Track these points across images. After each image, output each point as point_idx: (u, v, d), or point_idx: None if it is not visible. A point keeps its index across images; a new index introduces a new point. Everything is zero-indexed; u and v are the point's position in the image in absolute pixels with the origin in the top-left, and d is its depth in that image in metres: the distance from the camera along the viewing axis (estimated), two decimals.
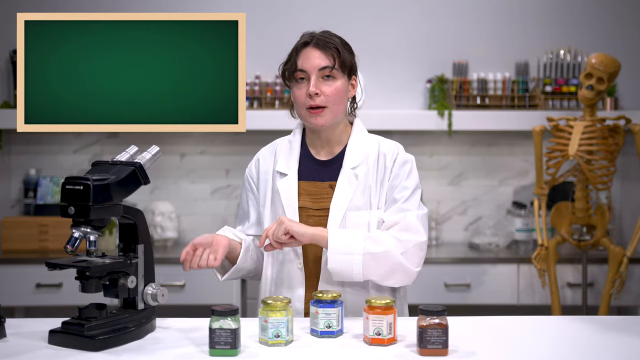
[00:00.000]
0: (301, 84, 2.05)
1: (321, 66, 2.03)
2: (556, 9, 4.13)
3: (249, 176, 2.19)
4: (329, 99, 2.03)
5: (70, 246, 1.73)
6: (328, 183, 2.09)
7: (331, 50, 2.05)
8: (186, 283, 3.61)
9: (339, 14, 4.06)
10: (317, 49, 2.05)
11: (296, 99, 2.07)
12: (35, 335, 1.76)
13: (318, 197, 2.08)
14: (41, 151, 4.12)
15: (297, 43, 2.09)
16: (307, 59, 2.04)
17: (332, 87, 2.04)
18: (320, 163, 2.12)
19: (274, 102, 4.00)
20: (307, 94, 2.03)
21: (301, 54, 2.06)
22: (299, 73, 2.05)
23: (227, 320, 1.61)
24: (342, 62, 2.05)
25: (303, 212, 2.06)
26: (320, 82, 2.03)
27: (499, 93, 4.02)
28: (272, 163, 2.15)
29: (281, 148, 2.17)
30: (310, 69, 2.03)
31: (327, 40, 2.06)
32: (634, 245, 3.43)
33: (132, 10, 4.09)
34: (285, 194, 2.08)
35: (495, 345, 1.73)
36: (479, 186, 4.19)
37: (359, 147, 2.10)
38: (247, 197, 2.19)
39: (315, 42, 2.05)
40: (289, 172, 2.10)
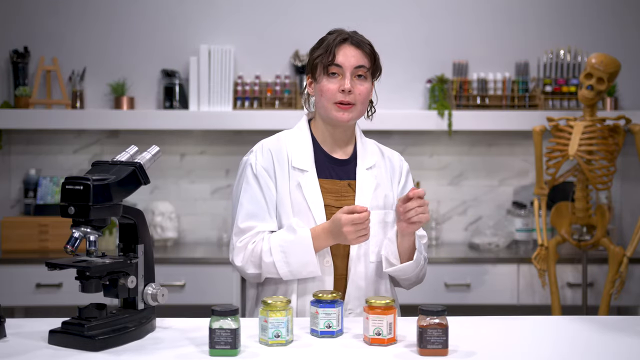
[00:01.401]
0: (333, 78, 2.07)
1: (358, 64, 2.07)
2: (556, 9, 4.13)
3: (264, 170, 2.07)
4: (360, 97, 2.07)
5: (70, 246, 1.73)
6: (347, 181, 2.12)
7: (367, 51, 2.10)
8: (186, 283, 3.61)
9: (339, 14, 4.06)
10: (355, 48, 2.08)
11: (325, 92, 2.07)
12: (35, 335, 1.76)
13: (339, 196, 2.10)
14: (41, 151, 4.12)
15: (334, 38, 2.09)
16: (345, 55, 2.06)
17: (363, 87, 2.08)
18: (336, 161, 2.14)
19: (274, 102, 4.00)
20: (339, 89, 2.05)
21: (340, 49, 2.07)
22: (334, 67, 2.06)
23: (227, 320, 1.61)
24: (376, 65, 2.12)
25: (327, 211, 2.06)
26: (353, 80, 2.06)
27: (499, 93, 4.02)
28: (286, 157, 2.10)
29: (291, 143, 2.13)
30: (347, 66, 2.06)
31: (363, 41, 2.11)
32: (634, 245, 3.43)
33: (129, 8, 4.09)
34: (309, 191, 2.06)
35: (495, 345, 1.73)
36: (479, 186, 4.19)
37: (367, 149, 2.18)
38: (263, 193, 2.06)
39: (352, 41, 2.09)
40: (308, 168, 2.09)
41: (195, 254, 3.79)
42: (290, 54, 4.08)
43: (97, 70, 4.06)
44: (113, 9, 4.08)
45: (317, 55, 2.09)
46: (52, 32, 4.07)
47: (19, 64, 3.98)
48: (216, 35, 4.08)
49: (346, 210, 1.94)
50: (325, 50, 2.08)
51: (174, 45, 4.08)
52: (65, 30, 4.07)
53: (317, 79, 2.10)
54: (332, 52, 2.06)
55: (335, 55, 2.06)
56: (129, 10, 4.09)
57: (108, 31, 4.09)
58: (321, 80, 2.08)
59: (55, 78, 4.02)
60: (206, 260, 3.67)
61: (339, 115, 2.06)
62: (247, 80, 4.03)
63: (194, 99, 3.95)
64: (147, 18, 4.09)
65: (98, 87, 4.07)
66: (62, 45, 4.06)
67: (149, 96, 4.10)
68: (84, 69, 4.03)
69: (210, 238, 4.15)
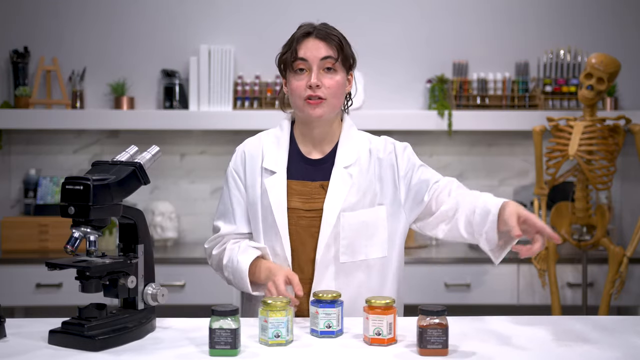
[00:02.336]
0: (300, 74, 2.00)
1: (323, 56, 1.99)
2: (556, 9, 4.13)
3: (234, 171, 2.11)
4: (329, 91, 1.99)
5: (70, 246, 1.73)
6: (319, 183, 2.03)
7: (334, 42, 2.00)
8: (186, 283, 3.61)
9: (338, 14, 4.06)
10: (320, 40, 2.00)
11: (293, 90, 2.01)
12: (35, 335, 1.76)
13: (309, 198, 2.03)
14: (41, 151, 4.12)
15: (297, 33, 2.03)
16: (309, 48, 1.99)
17: (333, 80, 1.99)
18: (310, 162, 2.06)
19: (274, 102, 4.00)
20: (306, 85, 1.98)
21: (302, 43, 2.00)
22: (299, 62, 1.99)
23: (227, 320, 1.61)
24: (345, 55, 2.02)
25: (293, 214, 2.02)
26: (321, 74, 1.99)
27: (499, 93, 4.02)
28: (260, 159, 2.07)
29: (268, 143, 2.10)
30: (312, 59, 1.98)
31: (329, 32, 2.02)
32: (634, 245, 3.43)
33: (129, 8, 4.09)
34: (274, 193, 2.01)
35: (495, 345, 1.73)
36: (479, 186, 4.16)
37: (350, 145, 2.07)
38: (230, 194, 2.10)
39: (317, 33, 2.01)
40: (278, 169, 2.04)
41: (195, 254, 3.79)
42: None
43: (97, 70, 4.06)
44: (113, 9, 4.08)
45: (283, 53, 2.04)
46: (52, 32, 4.07)
47: (19, 64, 3.98)
48: (216, 35, 4.08)
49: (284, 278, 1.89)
50: (289, 46, 2.02)
51: (174, 45, 4.08)
52: (65, 30, 4.07)
53: (287, 77, 2.04)
54: (294, 48, 2.00)
55: (297, 50, 1.99)
56: (129, 10, 4.09)
57: (108, 31, 4.09)
58: (290, 78, 2.02)
59: (55, 78, 4.02)
60: (206, 260, 3.64)
61: (311, 112, 1.99)
62: (247, 80, 4.03)
63: (194, 99, 3.95)
64: (147, 18, 4.09)
65: (98, 87, 4.07)
66: (62, 45, 4.06)
67: (149, 96, 4.10)
68: (84, 69, 4.03)
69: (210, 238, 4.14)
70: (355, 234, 2.02)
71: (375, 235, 2.04)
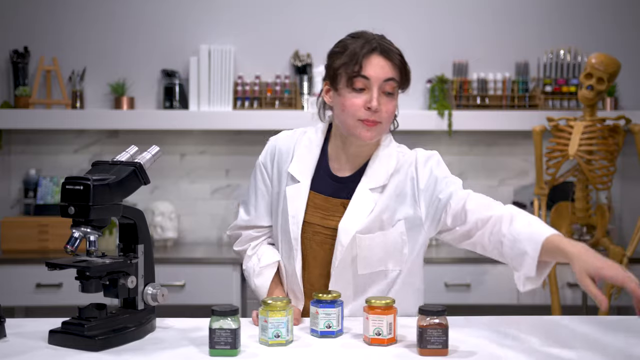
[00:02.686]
0: (359, 92, 1.86)
1: (387, 77, 1.87)
2: (556, 9, 4.13)
3: (263, 166, 2.04)
4: (385, 116, 1.89)
5: (70, 246, 1.73)
6: (341, 201, 1.95)
7: (397, 62, 1.89)
8: (186, 283, 3.61)
9: (338, 14, 4.06)
10: (385, 58, 1.88)
11: (348, 107, 1.86)
12: (35, 335, 1.76)
13: (328, 214, 1.95)
14: (41, 151, 4.12)
15: (361, 46, 1.87)
16: (373, 67, 1.86)
17: (391, 104, 1.90)
18: (337, 179, 1.97)
19: (274, 102, 4.00)
20: (364, 105, 1.85)
21: (368, 60, 1.86)
22: (360, 80, 1.86)
23: (227, 320, 1.61)
24: (406, 78, 1.93)
25: (309, 228, 1.95)
26: (381, 96, 1.87)
27: (499, 93, 4.02)
28: (289, 159, 2.00)
29: (300, 146, 2.01)
30: (375, 80, 1.86)
31: (392, 49, 1.90)
32: (634, 245, 3.43)
33: (129, 8, 4.09)
34: (293, 203, 1.95)
35: (495, 345, 1.73)
36: (479, 186, 4.19)
37: (381, 166, 1.96)
38: (256, 186, 2.05)
39: (381, 50, 1.88)
40: (302, 179, 1.96)
41: (195, 254, 3.79)
42: (290, 54, 4.08)
43: (97, 70, 4.07)
44: (113, 9, 4.08)
45: (341, 64, 1.87)
46: (52, 32, 4.07)
47: (19, 64, 3.98)
48: (216, 35, 4.08)
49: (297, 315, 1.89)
50: (351, 59, 1.86)
51: (174, 45, 4.08)
52: (65, 30, 4.07)
53: (339, 91, 1.89)
54: (359, 63, 1.85)
55: (363, 67, 1.85)
56: (128, 10, 4.09)
57: (108, 31, 4.09)
58: (344, 93, 1.87)
59: (55, 78, 4.02)
60: (206, 260, 3.67)
61: (364, 134, 1.87)
62: (247, 80, 4.03)
63: (194, 99, 3.95)
64: (147, 18, 4.09)
65: (98, 87, 4.07)
66: (62, 45, 4.06)
67: (149, 96, 4.10)
68: (84, 69, 4.03)
69: (210, 238, 4.15)
70: (373, 253, 1.94)
71: (393, 252, 1.96)
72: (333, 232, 1.94)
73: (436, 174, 1.96)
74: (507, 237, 1.79)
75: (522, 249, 1.75)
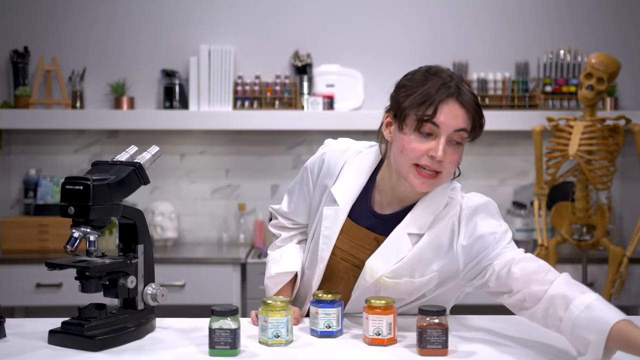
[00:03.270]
0: (425, 137, 1.70)
1: (459, 128, 1.70)
2: (556, 9, 4.13)
3: (310, 172, 1.97)
4: (449, 166, 1.73)
5: (70, 246, 1.73)
6: (375, 236, 1.84)
7: (472, 111, 1.71)
8: (186, 283, 3.61)
9: (338, 14, 4.06)
10: (461, 107, 1.70)
11: (408, 150, 1.71)
12: (35, 335, 1.76)
13: (359, 245, 1.87)
14: (41, 151, 4.12)
15: (437, 88, 1.70)
16: (448, 115, 1.69)
17: (456, 155, 1.73)
18: (377, 215, 1.86)
19: (274, 102, 4.00)
20: (427, 152, 1.70)
21: (443, 106, 1.69)
22: (429, 126, 1.69)
23: (227, 320, 1.61)
24: (478, 129, 1.75)
25: (338, 252, 1.88)
26: (448, 145, 1.71)
27: (499, 93, 4.02)
28: (335, 176, 1.90)
29: (349, 167, 1.90)
30: (446, 129, 1.69)
31: (470, 97, 1.72)
32: (634, 245, 3.43)
33: (129, 8, 4.09)
34: (328, 226, 1.88)
35: (495, 345, 1.72)
36: (479, 186, 4.19)
37: (427, 211, 1.80)
38: (300, 187, 2.00)
39: (458, 97, 1.70)
40: (342, 204, 1.86)
41: (195, 254, 3.79)
42: (290, 54, 4.08)
43: (97, 70, 4.07)
44: (113, 9, 4.08)
45: (411, 104, 1.71)
46: (52, 32, 4.07)
47: (19, 64, 3.98)
48: (216, 35, 4.08)
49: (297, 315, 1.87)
50: (424, 100, 1.69)
51: (174, 45, 4.08)
52: (65, 30, 4.07)
53: (403, 130, 1.73)
54: (434, 108, 1.68)
55: (437, 114, 1.68)
56: (128, 10, 4.09)
57: (108, 31, 4.09)
58: (407, 134, 1.72)
59: (55, 78, 4.02)
60: (206, 260, 3.67)
61: (417, 183, 1.72)
62: (247, 80, 4.03)
63: (194, 99, 3.95)
64: (147, 18, 4.09)
65: (98, 87, 4.07)
66: (62, 45, 4.06)
67: (149, 96, 4.10)
68: (84, 69, 4.03)
69: (210, 238, 4.15)
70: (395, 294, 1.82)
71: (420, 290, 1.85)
72: (360, 263, 1.86)
73: (481, 231, 1.75)
74: (565, 322, 1.58)
75: (585, 338, 1.54)
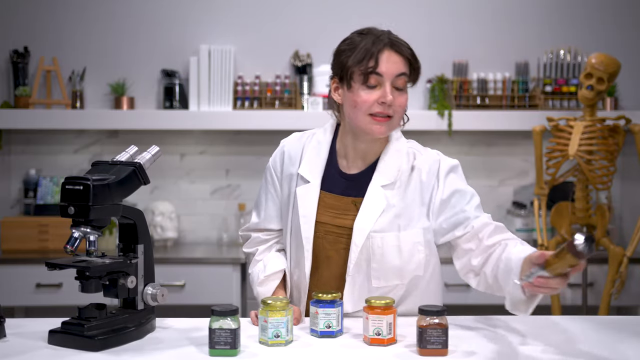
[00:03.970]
0: (372, 89, 1.86)
1: (399, 72, 1.87)
2: (556, 9, 4.13)
3: (273, 169, 2.06)
4: (398, 109, 1.89)
5: (70, 246, 1.73)
6: (352, 199, 1.94)
7: (407, 56, 1.90)
8: (186, 283, 3.61)
9: (338, 14, 4.06)
10: (397, 53, 1.88)
11: (360, 104, 1.87)
12: (35, 335, 1.76)
13: (340, 213, 1.95)
14: (41, 151, 4.12)
15: (372, 42, 1.87)
16: (386, 63, 1.86)
17: (403, 98, 1.90)
18: (347, 176, 1.97)
19: (274, 102, 4.00)
20: (378, 101, 1.86)
21: (382, 56, 1.86)
22: (374, 77, 1.86)
23: (227, 320, 1.61)
24: (416, 72, 1.93)
25: (321, 227, 1.95)
26: (393, 90, 1.87)
27: (499, 93, 4.02)
28: (298, 162, 2.01)
29: (309, 147, 2.01)
30: (388, 75, 1.86)
31: (402, 43, 1.90)
32: (634, 245, 3.43)
33: (129, 8, 4.09)
34: (304, 203, 1.95)
35: (495, 345, 1.73)
36: (479, 186, 4.16)
37: (392, 162, 1.96)
38: (266, 189, 2.07)
39: (393, 45, 1.88)
40: (312, 179, 1.97)
41: (195, 254, 3.79)
42: (290, 54, 4.08)
43: (97, 70, 4.07)
44: (113, 8, 4.08)
45: (354, 62, 1.87)
46: (52, 32, 4.07)
47: (19, 64, 3.98)
48: (216, 35, 4.08)
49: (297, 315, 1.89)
50: (364, 56, 1.85)
51: (174, 45, 4.08)
52: (65, 30, 4.07)
53: (351, 88, 1.88)
54: (375, 60, 1.85)
55: (378, 63, 1.85)
56: (129, 10, 4.09)
57: (108, 31, 4.09)
58: (357, 90, 1.87)
59: (55, 78, 4.02)
60: (206, 260, 3.67)
61: (375, 129, 1.88)
62: (247, 80, 4.03)
63: (194, 99, 3.95)
64: (147, 18, 4.09)
65: (98, 87, 4.07)
66: (62, 45, 4.06)
67: (149, 96, 4.10)
68: (84, 69, 4.03)
69: (210, 238, 4.15)
70: (387, 259, 1.91)
71: (410, 261, 1.94)
72: (345, 231, 1.93)
73: (458, 186, 1.98)
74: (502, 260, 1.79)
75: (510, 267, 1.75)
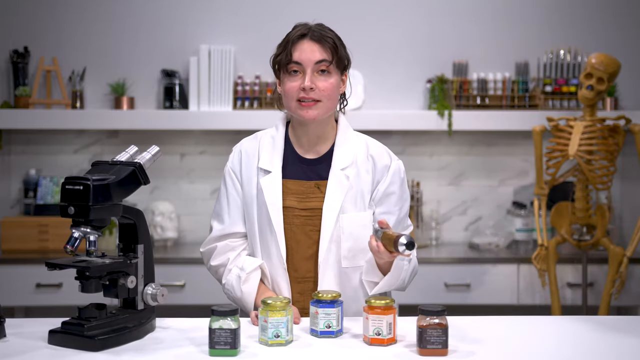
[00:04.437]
0: (294, 76, 2.02)
1: (318, 59, 2.00)
2: (556, 9, 4.13)
3: (232, 171, 2.13)
4: (323, 93, 2.00)
5: (70, 246, 1.73)
6: (314, 182, 2.06)
7: (329, 44, 2.02)
8: (186, 283, 3.61)
9: (339, 14, 4.06)
10: (315, 42, 2.02)
11: (287, 92, 2.03)
12: (35, 335, 1.76)
13: (304, 197, 2.05)
14: (41, 151, 4.12)
15: (292, 34, 2.04)
16: (304, 51, 2.01)
17: (327, 82, 2.01)
18: (306, 161, 2.08)
19: (273, 102, 3.99)
20: (300, 87, 2.00)
21: (297, 45, 2.02)
22: (293, 65, 2.01)
23: (227, 320, 1.61)
24: (339, 57, 2.04)
25: (288, 212, 2.04)
26: (315, 76, 2.00)
27: (499, 93, 4.02)
28: (256, 159, 2.10)
29: (264, 143, 2.12)
30: (307, 62, 2.00)
31: (323, 33, 2.03)
32: (634, 245, 3.43)
33: (129, 8, 4.09)
34: (269, 192, 2.04)
35: (495, 345, 1.73)
36: (479, 186, 4.19)
37: (347, 147, 2.08)
38: (227, 193, 2.13)
39: (311, 35, 2.02)
40: (273, 169, 2.07)
41: (195, 254, 3.79)
42: None
43: (97, 70, 4.06)
44: (113, 9, 4.08)
45: (277, 54, 2.05)
46: (52, 32, 4.07)
47: (19, 64, 3.98)
48: (216, 35, 4.08)
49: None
50: (284, 47, 2.03)
51: (174, 45, 4.08)
52: (65, 30, 4.07)
53: (282, 79, 2.06)
54: (289, 50, 2.01)
55: (292, 53, 2.01)
56: (129, 10, 4.09)
57: (108, 31, 4.09)
58: (284, 80, 2.04)
59: (55, 78, 4.02)
60: None
61: (304, 113, 2.00)
62: (247, 80, 4.03)
63: (194, 99, 3.95)
64: (147, 18, 4.09)
65: (98, 87, 4.07)
66: (62, 45, 4.06)
67: (149, 96, 4.10)
68: (84, 69, 4.03)
69: None
70: (356, 237, 2.03)
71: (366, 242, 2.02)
72: (312, 212, 2.04)
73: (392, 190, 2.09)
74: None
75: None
